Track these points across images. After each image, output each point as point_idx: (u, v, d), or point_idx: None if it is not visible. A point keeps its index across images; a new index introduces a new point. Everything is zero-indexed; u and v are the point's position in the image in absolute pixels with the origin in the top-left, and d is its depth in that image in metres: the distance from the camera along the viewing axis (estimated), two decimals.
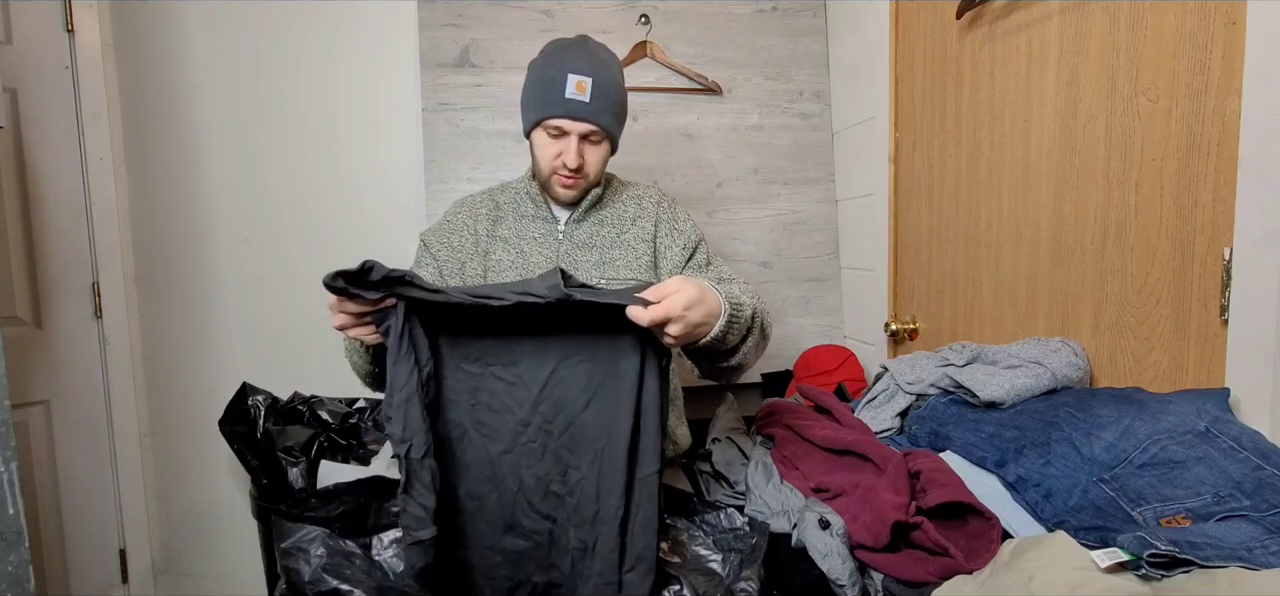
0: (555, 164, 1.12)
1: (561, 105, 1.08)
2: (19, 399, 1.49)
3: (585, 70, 1.08)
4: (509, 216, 1.21)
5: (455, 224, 1.21)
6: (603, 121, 1.10)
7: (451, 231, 1.21)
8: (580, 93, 1.07)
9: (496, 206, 1.23)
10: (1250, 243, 0.81)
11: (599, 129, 1.10)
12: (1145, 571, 0.63)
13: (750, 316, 0.99)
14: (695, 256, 1.21)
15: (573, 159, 1.10)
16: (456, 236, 1.20)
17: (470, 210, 1.23)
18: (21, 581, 1.09)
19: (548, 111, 1.09)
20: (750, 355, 1.03)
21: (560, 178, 1.13)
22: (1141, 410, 0.84)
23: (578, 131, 1.09)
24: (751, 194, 1.91)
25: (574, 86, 1.07)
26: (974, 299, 1.36)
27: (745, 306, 0.97)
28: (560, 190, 1.15)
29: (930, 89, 1.46)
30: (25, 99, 1.54)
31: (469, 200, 1.25)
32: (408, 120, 1.85)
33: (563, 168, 1.11)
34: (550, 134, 1.11)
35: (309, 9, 1.80)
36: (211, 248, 1.82)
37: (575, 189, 1.15)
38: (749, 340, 1.00)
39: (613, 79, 1.12)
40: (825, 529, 0.88)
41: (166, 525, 1.85)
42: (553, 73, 1.09)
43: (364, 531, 0.92)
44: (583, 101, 1.07)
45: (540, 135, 1.12)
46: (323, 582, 0.77)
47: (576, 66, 1.08)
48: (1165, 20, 0.93)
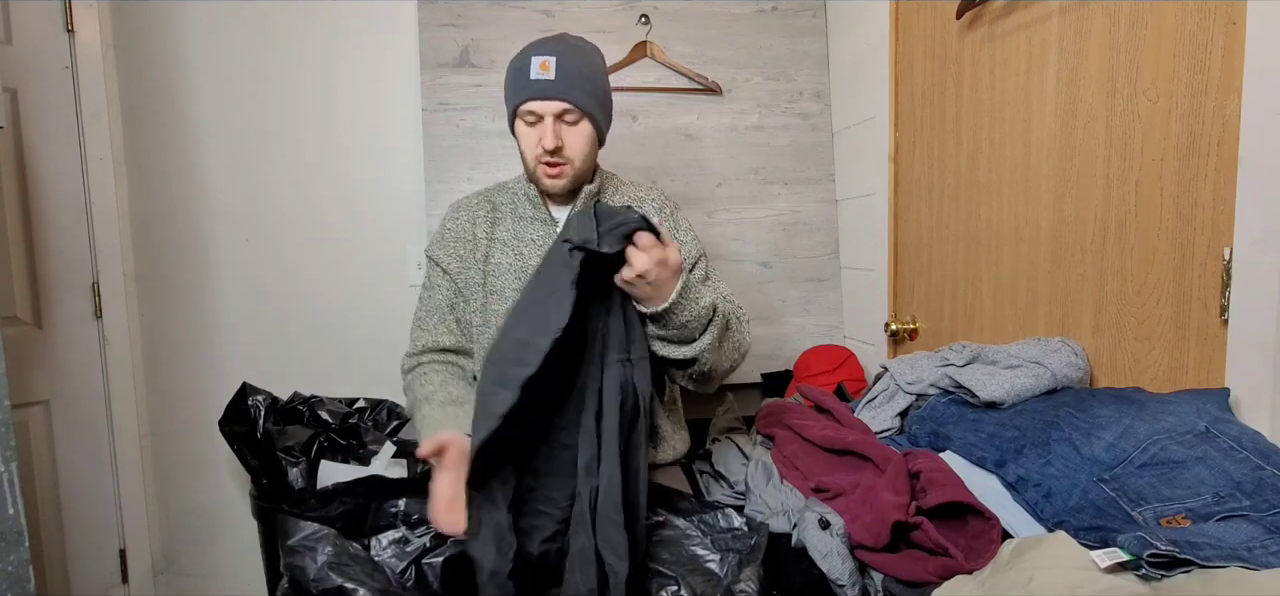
0: (536, 151, 1.10)
1: (528, 88, 1.07)
2: (19, 399, 1.49)
3: (548, 51, 1.08)
4: (507, 218, 1.20)
5: (456, 231, 1.20)
6: (573, 97, 1.08)
7: (455, 240, 1.19)
8: (544, 72, 1.06)
9: (494, 208, 1.21)
10: (1250, 243, 0.81)
11: (572, 106, 1.08)
12: (1145, 571, 0.63)
13: (710, 308, 0.99)
14: (695, 270, 1.19)
15: (550, 139, 1.08)
16: (460, 245, 1.18)
17: (468, 213, 1.21)
18: (21, 581, 1.09)
19: (518, 97, 1.09)
20: (710, 356, 1.01)
21: (543, 166, 1.11)
22: (1141, 410, 0.84)
23: (550, 111, 1.08)
24: (751, 194, 1.90)
25: (538, 67, 1.06)
26: (974, 299, 1.36)
27: (704, 295, 0.99)
28: (546, 180, 1.13)
29: (930, 89, 1.46)
30: (25, 99, 1.54)
31: (464, 203, 1.24)
32: (408, 120, 1.85)
33: (543, 153, 1.10)
34: (527, 122, 1.10)
35: (309, 9, 1.80)
36: (211, 248, 1.82)
37: (561, 176, 1.12)
38: (706, 336, 0.99)
39: (582, 59, 1.10)
40: (825, 529, 0.88)
41: (166, 525, 1.85)
42: (520, 62, 1.09)
43: (363, 532, 0.92)
44: (548, 79, 1.06)
45: (519, 127, 1.12)
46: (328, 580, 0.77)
47: (539, 50, 1.09)
48: (1165, 20, 0.93)
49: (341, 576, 0.78)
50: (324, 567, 0.78)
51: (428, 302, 1.18)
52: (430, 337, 1.15)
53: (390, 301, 1.86)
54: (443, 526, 0.87)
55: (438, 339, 1.15)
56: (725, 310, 1.05)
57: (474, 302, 1.17)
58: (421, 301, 1.20)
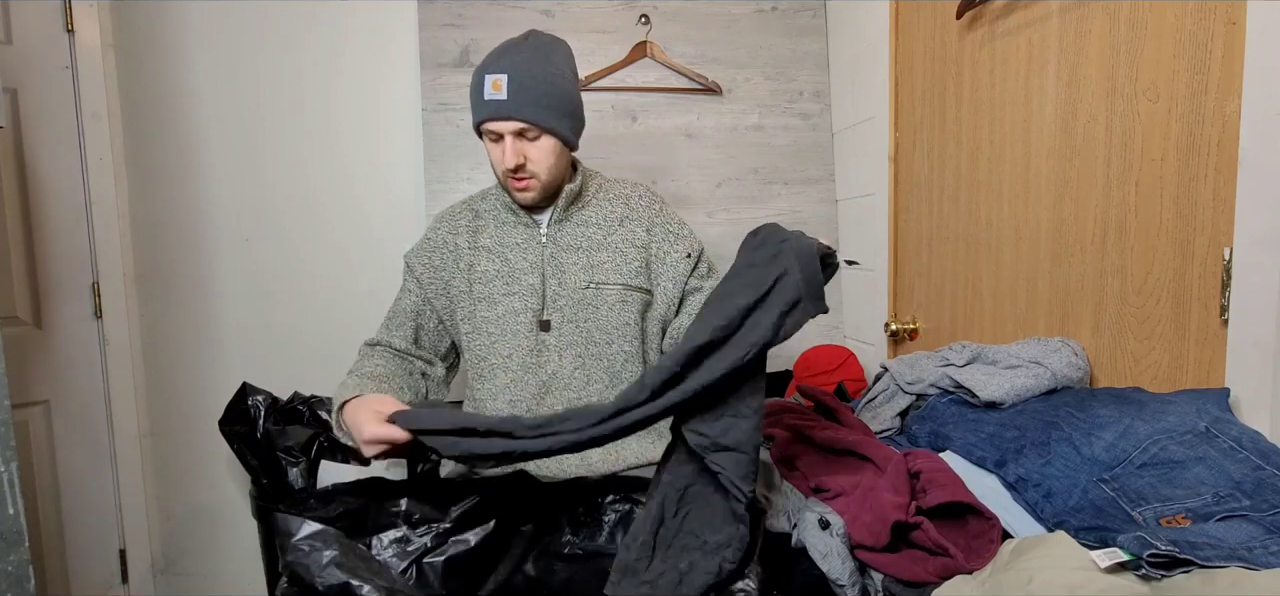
0: (501, 167, 1.10)
1: (483, 108, 1.07)
2: (19, 399, 1.49)
3: (499, 68, 1.06)
4: (490, 224, 1.20)
5: (436, 241, 1.20)
6: (526, 114, 1.05)
7: (433, 250, 1.20)
8: (496, 91, 1.05)
9: (476, 216, 1.21)
10: (1250, 243, 0.81)
11: (528, 123, 1.06)
12: (1145, 571, 0.63)
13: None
14: (699, 266, 1.19)
15: (510, 158, 1.07)
16: (438, 254, 1.19)
17: (450, 223, 1.21)
18: (21, 581, 1.09)
19: (476, 116, 1.09)
20: None
21: (511, 181, 1.11)
22: (1141, 410, 0.84)
23: (507, 130, 1.07)
24: (751, 194, 1.91)
25: (490, 87, 1.05)
26: (974, 299, 1.36)
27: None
28: (516, 194, 1.12)
29: (930, 89, 1.46)
30: (25, 99, 1.54)
31: (449, 213, 1.24)
32: (408, 120, 1.85)
33: (506, 171, 1.10)
34: (490, 139, 1.10)
35: (309, 9, 1.80)
36: (211, 248, 1.82)
37: (531, 191, 1.11)
38: None
39: (539, 69, 1.07)
40: (825, 529, 0.88)
41: (166, 525, 1.85)
42: (476, 78, 1.08)
43: (364, 531, 0.92)
44: (500, 99, 1.05)
45: (485, 144, 1.12)
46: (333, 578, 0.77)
47: (490, 66, 1.07)
48: (1165, 20, 0.93)
49: (347, 574, 0.78)
50: (329, 565, 0.78)
51: (395, 305, 1.22)
52: (385, 336, 1.19)
53: (390, 300, 1.83)
54: (379, 436, 0.88)
55: (391, 339, 1.18)
56: None
57: (462, 310, 1.17)
58: (394, 302, 1.23)
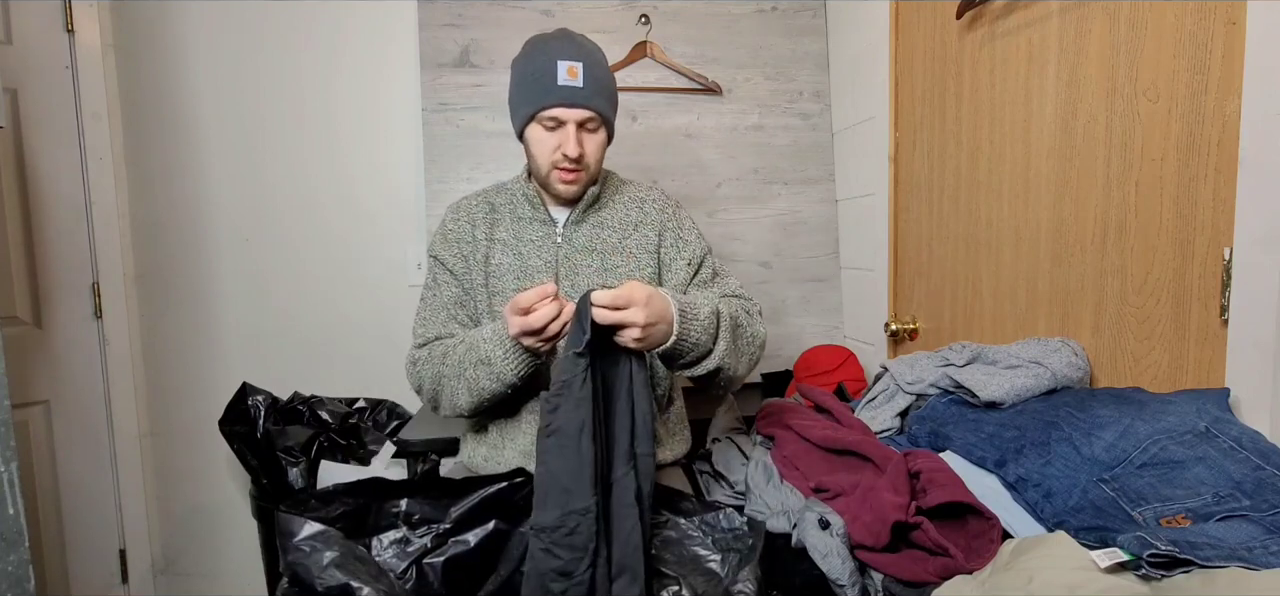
0: (554, 157, 1.09)
1: (555, 93, 1.05)
2: (19, 399, 1.49)
3: (575, 56, 1.06)
4: (506, 218, 1.19)
5: (457, 232, 1.19)
6: (598, 106, 1.07)
7: (457, 240, 1.18)
8: (573, 78, 1.04)
9: (492, 209, 1.20)
10: (1250, 243, 0.81)
11: (596, 114, 1.08)
12: (1145, 571, 0.63)
13: (712, 315, 0.99)
14: (701, 272, 1.19)
15: (573, 147, 1.06)
16: (462, 246, 1.17)
17: (467, 214, 1.20)
18: (21, 581, 1.09)
19: (542, 102, 1.06)
20: (730, 359, 1.02)
21: (561, 172, 1.10)
22: (1141, 410, 0.84)
23: (574, 119, 1.06)
24: (751, 194, 1.91)
25: (566, 73, 1.04)
26: (974, 299, 1.36)
27: (702, 305, 0.98)
28: (561, 186, 1.11)
29: (930, 89, 1.46)
30: (25, 99, 1.55)
31: (463, 203, 1.22)
32: (408, 120, 1.85)
33: (563, 159, 1.08)
34: (546, 126, 1.08)
35: (309, 9, 1.80)
36: (211, 248, 1.82)
37: (577, 182, 1.11)
38: (720, 344, 1.00)
39: (603, 64, 1.10)
40: (825, 529, 0.88)
41: (166, 525, 1.85)
42: (542, 63, 1.06)
43: (364, 532, 0.92)
44: (577, 86, 1.05)
45: (535, 130, 1.09)
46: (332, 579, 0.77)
47: (565, 53, 1.06)
48: (1165, 20, 0.93)
49: (346, 575, 0.78)
50: (329, 566, 0.78)
51: (433, 301, 1.17)
52: (437, 331, 1.14)
53: (390, 301, 1.86)
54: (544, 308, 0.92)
55: (446, 332, 1.14)
56: (730, 311, 1.05)
57: (479, 304, 1.16)
58: (424, 300, 1.18)
